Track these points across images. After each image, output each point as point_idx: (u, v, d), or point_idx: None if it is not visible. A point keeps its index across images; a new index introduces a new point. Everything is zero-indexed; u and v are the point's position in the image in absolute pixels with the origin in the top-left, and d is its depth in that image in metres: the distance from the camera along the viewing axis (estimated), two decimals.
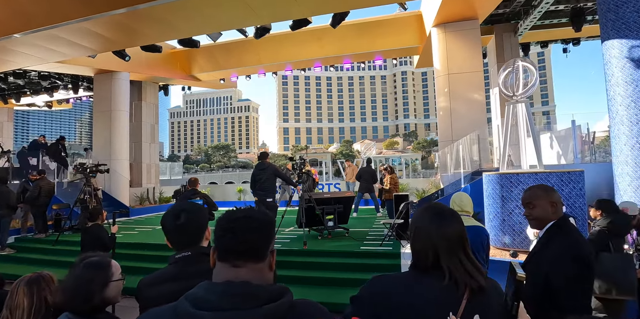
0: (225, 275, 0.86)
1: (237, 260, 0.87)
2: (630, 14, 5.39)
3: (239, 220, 0.90)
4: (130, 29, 8.67)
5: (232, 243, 0.87)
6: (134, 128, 14.22)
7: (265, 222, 0.92)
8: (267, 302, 0.79)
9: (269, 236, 0.92)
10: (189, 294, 0.83)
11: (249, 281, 0.83)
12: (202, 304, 0.79)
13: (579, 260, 1.57)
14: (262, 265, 0.89)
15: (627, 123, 5.44)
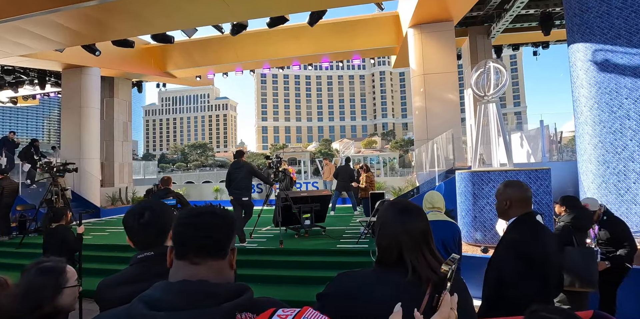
0: (182, 274, 0.83)
1: (196, 256, 0.84)
2: (594, 19, 5.64)
3: (200, 215, 0.88)
4: (101, 23, 8.37)
5: (193, 238, 0.85)
6: (105, 125, 13.74)
7: (226, 219, 0.90)
8: (226, 300, 0.77)
9: (230, 233, 0.90)
10: (143, 295, 0.80)
11: (206, 280, 0.81)
12: (157, 305, 0.76)
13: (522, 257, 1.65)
14: (222, 262, 0.87)
15: (590, 124, 5.69)
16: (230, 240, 0.90)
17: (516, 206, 1.83)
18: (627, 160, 5.26)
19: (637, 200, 5.15)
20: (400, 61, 13.32)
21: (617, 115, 5.37)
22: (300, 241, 6.39)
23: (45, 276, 1.41)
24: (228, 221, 0.91)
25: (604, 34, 5.53)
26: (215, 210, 0.91)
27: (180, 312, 0.74)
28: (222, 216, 0.90)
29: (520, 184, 1.89)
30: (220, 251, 0.87)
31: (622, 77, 5.35)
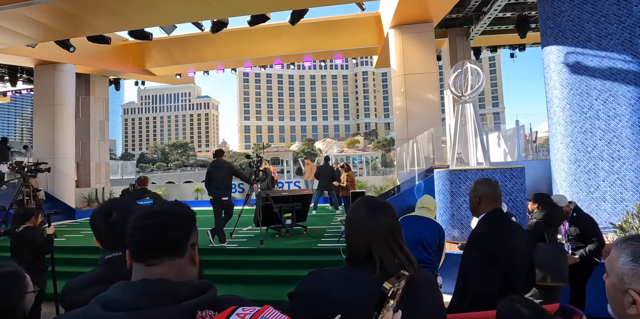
0: (141, 274, 0.82)
1: (151, 258, 0.83)
2: (566, 23, 5.83)
3: (150, 217, 0.86)
4: (75, 18, 8.11)
5: (144, 240, 0.83)
6: (81, 124, 13.33)
7: (179, 216, 0.88)
8: (187, 298, 0.76)
9: (186, 230, 0.88)
10: (101, 296, 0.78)
11: (166, 279, 0.79)
12: (115, 305, 0.75)
13: (485, 252, 1.70)
14: (181, 260, 0.85)
15: (562, 124, 5.88)
16: (188, 237, 0.88)
17: (485, 202, 1.88)
18: (597, 159, 5.46)
19: (606, 197, 5.36)
20: (382, 61, 13.43)
21: (587, 116, 5.56)
22: (281, 241, 6.36)
23: (10, 282, 1.35)
24: (182, 218, 0.88)
25: (575, 37, 5.72)
26: (167, 208, 0.89)
27: (138, 311, 0.73)
28: (173, 214, 0.87)
29: (489, 181, 1.94)
30: (176, 250, 0.85)
31: (592, 79, 5.55)
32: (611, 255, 0.86)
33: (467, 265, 1.78)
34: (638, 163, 5.18)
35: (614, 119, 5.34)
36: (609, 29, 5.41)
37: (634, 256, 0.80)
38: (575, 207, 3.77)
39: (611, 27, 5.40)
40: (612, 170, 5.34)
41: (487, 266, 1.68)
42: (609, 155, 5.37)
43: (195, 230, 0.91)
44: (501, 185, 4.72)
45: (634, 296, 0.78)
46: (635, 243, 0.82)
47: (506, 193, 4.63)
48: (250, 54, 13.20)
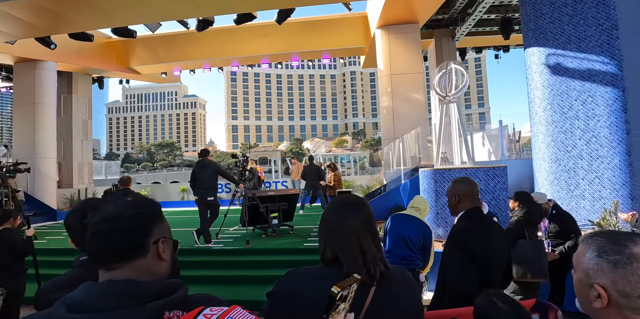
0: (106, 276, 0.81)
1: (111, 263, 0.81)
2: (547, 25, 5.96)
3: (103, 222, 0.83)
4: (56, 15, 7.92)
5: (99, 248, 0.82)
6: (63, 123, 13.02)
7: (135, 218, 0.84)
8: (154, 299, 0.74)
9: (145, 230, 0.84)
10: (66, 298, 0.77)
11: (133, 279, 0.78)
12: (79, 307, 0.73)
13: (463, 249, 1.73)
14: (143, 260, 0.83)
15: (544, 124, 6.01)
16: (147, 237, 0.84)
17: (464, 201, 1.91)
18: (577, 158, 5.60)
19: (585, 195, 5.50)
20: (369, 61, 13.51)
21: (567, 116, 5.70)
22: (267, 241, 6.34)
23: None
24: (138, 220, 0.84)
25: (556, 39, 5.85)
26: (122, 211, 0.84)
27: (101, 313, 0.71)
28: (128, 217, 0.83)
29: (467, 180, 1.98)
30: (136, 253, 0.82)
31: (572, 80, 5.69)
32: (578, 251, 0.89)
33: (446, 262, 1.81)
34: (615, 162, 5.33)
35: (593, 119, 5.49)
36: (588, 32, 5.55)
37: (599, 252, 0.83)
38: (554, 205, 3.86)
39: (590, 30, 5.54)
40: (590, 169, 5.48)
41: (466, 262, 1.71)
42: (588, 154, 5.51)
43: (159, 226, 0.87)
44: (484, 183, 4.81)
45: (599, 290, 0.80)
46: (600, 239, 0.84)
47: (489, 191, 4.71)
48: (237, 53, 13.10)
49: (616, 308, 0.80)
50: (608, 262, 0.81)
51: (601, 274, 0.81)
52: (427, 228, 3.18)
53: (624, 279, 0.78)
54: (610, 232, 0.87)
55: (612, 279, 0.79)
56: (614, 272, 0.79)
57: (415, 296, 1.17)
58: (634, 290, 0.77)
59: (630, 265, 0.78)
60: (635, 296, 0.77)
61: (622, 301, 0.79)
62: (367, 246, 1.10)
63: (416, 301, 1.16)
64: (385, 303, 1.07)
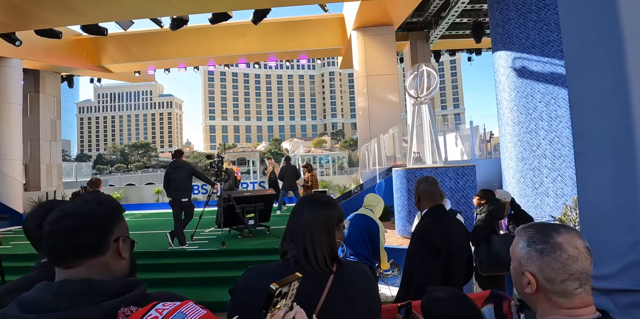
0: (63, 276, 0.80)
1: (67, 261, 0.80)
2: (513, 30, 6.21)
3: (60, 220, 0.82)
4: (21, 10, 7.62)
5: (56, 246, 0.81)
6: (29, 123, 12.50)
7: (93, 215, 0.84)
8: (110, 298, 0.75)
9: (104, 228, 0.84)
10: (21, 298, 0.76)
11: (89, 278, 0.78)
12: (33, 307, 0.73)
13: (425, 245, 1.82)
14: (102, 258, 0.83)
15: (511, 124, 6.26)
16: (107, 235, 0.84)
17: (425, 199, 2.00)
18: (541, 157, 5.86)
19: (549, 193, 5.76)
20: (346, 62, 13.64)
21: (532, 117, 5.96)
22: (243, 242, 6.31)
23: None
24: (97, 217, 0.84)
25: (521, 43, 6.11)
26: (78, 209, 0.84)
27: (55, 313, 0.72)
28: (86, 215, 0.83)
29: (427, 179, 2.06)
30: (95, 250, 0.82)
31: (537, 82, 5.95)
32: (514, 242, 0.97)
33: (411, 258, 1.88)
34: None
35: (555, 120, 5.76)
36: (551, 37, 5.82)
37: (529, 242, 0.91)
38: (513, 204, 4.01)
39: (552, 35, 5.81)
40: (554, 167, 5.75)
41: (429, 258, 1.79)
42: (551, 154, 5.78)
43: (119, 224, 0.88)
44: (454, 182, 4.97)
45: (529, 277, 0.89)
46: (531, 230, 0.93)
47: (459, 189, 4.87)
48: (213, 52, 12.96)
49: (544, 292, 0.88)
50: (535, 251, 0.88)
51: (530, 263, 0.89)
52: (374, 224, 3.29)
53: (549, 266, 0.86)
54: (540, 224, 0.96)
55: (539, 267, 0.87)
56: (540, 260, 0.87)
57: (370, 289, 1.20)
58: (557, 276, 0.85)
59: (554, 252, 0.86)
60: (558, 281, 0.85)
61: (548, 286, 0.87)
62: (319, 240, 1.14)
63: (371, 294, 1.20)
64: (341, 296, 1.11)
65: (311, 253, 1.12)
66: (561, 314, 0.87)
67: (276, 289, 0.84)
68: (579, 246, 0.87)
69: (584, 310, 0.86)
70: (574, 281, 0.85)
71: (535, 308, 0.92)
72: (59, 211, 0.84)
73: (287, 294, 0.87)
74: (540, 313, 0.91)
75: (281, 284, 0.85)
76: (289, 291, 0.87)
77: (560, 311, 0.87)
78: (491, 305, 1.72)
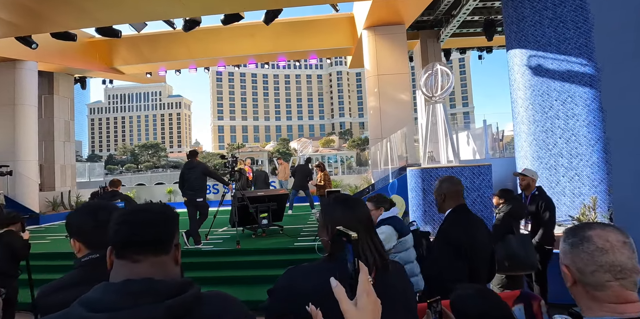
0: (124, 273, 0.82)
1: (136, 254, 0.83)
2: (528, 28, 6.14)
3: (135, 213, 0.87)
4: (38, 14, 7.76)
5: (129, 234, 0.84)
6: (44, 125, 12.71)
7: (164, 214, 0.89)
8: (171, 297, 0.77)
9: (171, 228, 0.89)
10: (83, 298, 0.78)
11: (150, 278, 0.80)
12: (98, 306, 0.75)
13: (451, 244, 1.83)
14: (165, 258, 0.86)
15: (526, 123, 6.20)
16: (172, 235, 0.89)
17: (449, 199, 2.00)
18: (557, 156, 5.80)
19: (565, 192, 5.70)
20: (356, 62, 13.62)
21: (548, 115, 5.89)
22: (257, 241, 6.35)
23: None
24: (166, 216, 0.90)
25: (537, 41, 6.05)
26: (152, 206, 0.91)
27: (121, 311, 0.73)
28: (158, 212, 0.89)
29: (451, 179, 2.07)
30: (161, 247, 0.86)
31: (553, 80, 5.88)
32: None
33: (437, 257, 1.89)
34: (594, 160, 5.54)
35: (572, 118, 5.69)
36: (567, 34, 5.75)
37: (564, 238, 0.96)
38: (539, 189, 4.00)
39: (569, 32, 5.74)
40: (570, 166, 5.69)
41: (455, 257, 1.79)
42: (568, 152, 5.71)
43: (178, 232, 0.93)
44: (470, 181, 4.94)
45: (564, 270, 0.94)
46: (568, 228, 0.98)
47: (474, 189, 4.84)
48: (223, 53, 13.03)
49: (580, 285, 0.91)
50: (568, 244, 0.93)
51: (564, 256, 0.94)
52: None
53: (577, 257, 0.90)
54: (581, 223, 0.98)
55: (571, 259, 0.92)
56: (571, 252, 0.92)
57: (408, 285, 1.24)
58: (586, 266, 0.88)
59: (581, 244, 0.90)
60: (588, 272, 0.88)
61: (580, 277, 0.90)
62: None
63: (410, 290, 1.23)
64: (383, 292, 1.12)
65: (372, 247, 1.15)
66: (603, 309, 0.88)
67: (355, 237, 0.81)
68: (611, 239, 0.88)
69: (628, 306, 0.86)
70: (605, 273, 0.86)
71: (580, 304, 0.94)
72: (132, 208, 0.90)
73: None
74: (584, 309, 0.92)
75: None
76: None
77: (603, 306, 0.88)
78: (521, 305, 1.72)
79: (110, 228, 0.87)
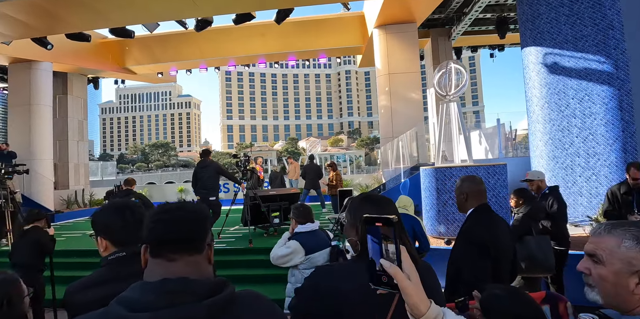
0: (159, 272, 0.81)
1: (171, 252, 0.83)
2: (544, 25, 6.04)
3: (170, 211, 0.87)
4: (53, 15, 7.87)
5: (165, 233, 0.84)
6: (58, 124, 12.93)
7: (199, 213, 0.89)
8: (207, 296, 0.77)
9: (204, 227, 0.89)
10: (121, 297, 0.78)
11: (186, 277, 0.80)
12: (138, 306, 0.74)
13: (475, 244, 1.79)
14: (199, 257, 0.85)
15: (541, 122, 6.11)
16: (206, 234, 0.89)
17: (472, 198, 1.97)
18: (574, 156, 5.70)
19: (582, 192, 5.60)
20: (366, 60, 13.55)
21: (564, 114, 5.79)
22: (269, 240, 6.37)
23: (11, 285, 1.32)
24: (201, 215, 0.90)
25: (553, 38, 5.94)
26: (187, 205, 0.91)
27: (162, 311, 0.73)
28: (193, 211, 0.89)
29: (474, 178, 2.03)
30: (196, 246, 0.86)
31: (569, 78, 5.78)
32: (606, 244, 0.91)
33: (459, 258, 1.86)
34: (612, 159, 5.43)
35: (590, 117, 5.58)
36: (584, 31, 5.64)
37: (638, 240, 0.87)
38: (552, 188, 3.92)
39: (586, 29, 5.63)
40: (587, 166, 5.58)
41: (479, 257, 1.77)
42: (585, 152, 5.61)
43: (210, 231, 0.93)
44: (485, 181, 4.88)
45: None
46: (632, 228, 0.89)
47: (489, 189, 4.78)
48: (233, 53, 13.09)
49: None
50: None
51: None
52: (416, 220, 3.33)
53: None
54: (633, 222, 0.92)
55: None
56: None
57: (438, 284, 1.23)
58: None
59: None
60: None
61: None
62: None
63: (439, 289, 1.22)
64: None
65: None
66: None
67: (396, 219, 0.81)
68: None
69: None
70: None
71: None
72: (169, 205, 0.90)
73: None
74: None
75: None
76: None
77: None
78: (547, 306, 1.68)
79: (145, 227, 0.87)
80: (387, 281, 0.79)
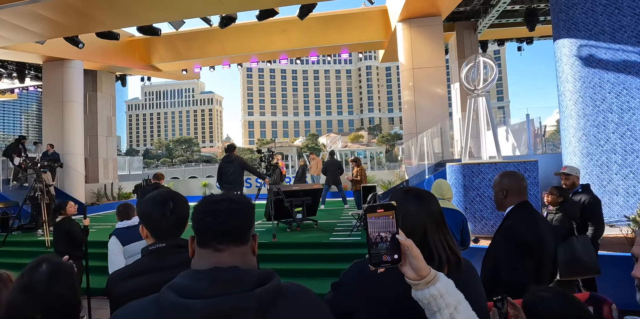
0: (209, 261, 0.83)
1: (219, 243, 0.84)
2: (579, 15, 5.77)
3: (218, 202, 0.88)
4: (84, 14, 8.13)
5: (213, 224, 0.85)
6: (88, 120, 13.41)
7: (245, 204, 0.90)
8: (257, 286, 0.78)
9: (250, 218, 0.91)
10: (172, 284, 0.79)
11: (237, 266, 0.81)
12: (190, 293, 0.76)
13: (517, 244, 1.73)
14: (245, 248, 0.87)
15: (575, 117, 5.86)
16: (251, 225, 0.91)
17: (512, 195, 1.89)
18: (610, 153, 5.44)
19: (619, 191, 5.35)
20: (389, 55, 13.38)
21: (600, 109, 5.54)
22: (292, 235, 6.41)
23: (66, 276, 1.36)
24: (246, 207, 0.91)
25: (588, 30, 5.67)
26: (232, 196, 0.92)
27: (214, 299, 0.74)
28: (239, 202, 0.90)
29: (515, 174, 1.95)
30: (242, 237, 0.87)
31: (606, 71, 5.51)
32: None
33: (500, 256, 1.80)
34: None
35: (628, 112, 5.32)
36: (623, 21, 5.36)
37: None
38: (584, 186, 3.76)
39: (625, 19, 5.35)
40: (625, 164, 5.33)
41: (521, 257, 1.71)
42: (622, 149, 5.35)
43: (254, 223, 0.94)
44: None
45: None
46: None
47: None
48: (256, 49, 13.18)
49: None
50: None
51: None
52: (462, 216, 3.19)
53: None
54: None
55: None
56: None
57: (479, 282, 1.19)
58: None
59: None
60: None
61: None
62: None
63: (481, 290, 1.19)
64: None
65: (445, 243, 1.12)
66: None
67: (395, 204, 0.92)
68: None
69: None
70: None
71: None
72: (216, 196, 0.91)
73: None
74: None
75: None
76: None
77: None
78: (590, 308, 1.62)
79: (193, 217, 0.89)
80: (388, 259, 0.90)
